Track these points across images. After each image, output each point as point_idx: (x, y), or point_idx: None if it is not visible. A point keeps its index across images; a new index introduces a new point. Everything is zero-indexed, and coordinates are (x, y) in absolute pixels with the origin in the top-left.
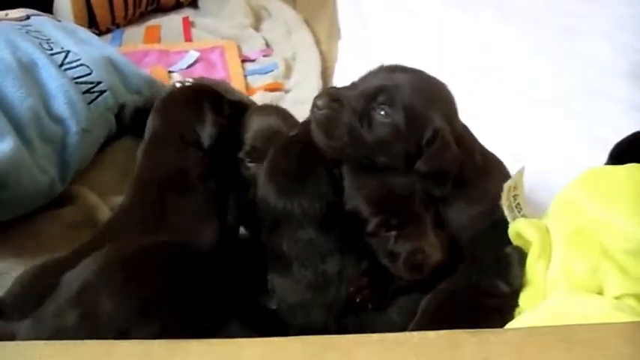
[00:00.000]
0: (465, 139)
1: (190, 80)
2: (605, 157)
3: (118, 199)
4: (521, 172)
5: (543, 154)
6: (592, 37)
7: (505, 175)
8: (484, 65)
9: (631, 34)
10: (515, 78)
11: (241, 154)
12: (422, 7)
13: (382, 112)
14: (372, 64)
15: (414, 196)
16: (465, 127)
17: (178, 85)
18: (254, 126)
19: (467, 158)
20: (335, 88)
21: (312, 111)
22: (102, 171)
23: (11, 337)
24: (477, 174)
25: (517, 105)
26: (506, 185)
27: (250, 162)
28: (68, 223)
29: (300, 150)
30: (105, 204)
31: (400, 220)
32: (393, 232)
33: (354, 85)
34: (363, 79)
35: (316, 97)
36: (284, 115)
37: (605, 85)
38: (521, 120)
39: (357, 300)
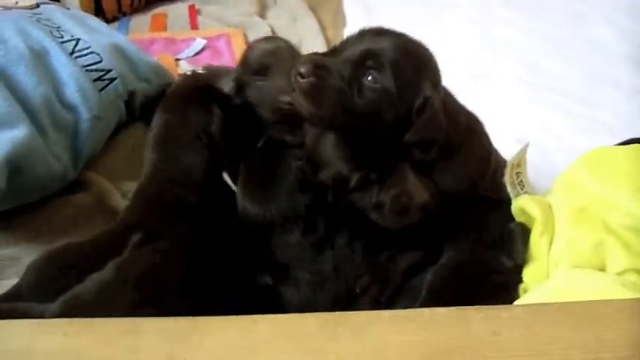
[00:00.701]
0: (448, 103)
1: (199, 69)
2: (608, 141)
3: (130, 185)
4: (524, 150)
5: (546, 139)
6: (597, 22)
7: (485, 134)
8: (488, 49)
9: (636, 21)
10: (520, 62)
11: (248, 78)
12: None
13: (370, 78)
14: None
15: (387, 146)
16: (446, 90)
17: (189, 73)
18: (258, 49)
19: (452, 124)
20: (317, 53)
21: (294, 80)
22: (113, 157)
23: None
24: (461, 138)
25: (521, 89)
26: (509, 162)
27: (259, 80)
28: (81, 209)
29: (265, 155)
30: (117, 189)
31: (380, 173)
32: (375, 186)
33: (336, 50)
34: (344, 44)
35: (298, 64)
36: (286, 41)
37: (609, 71)
38: (525, 104)
39: (357, 290)
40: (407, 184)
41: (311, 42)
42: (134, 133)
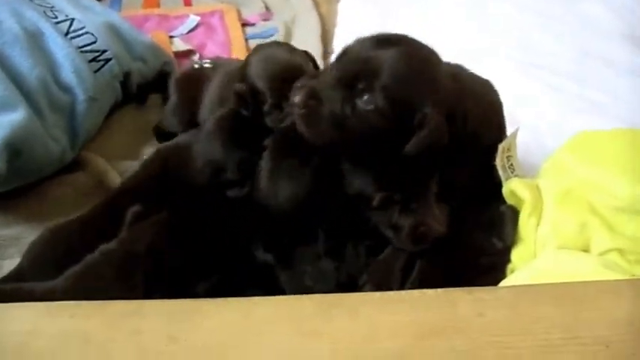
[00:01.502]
0: (457, 90)
1: (208, 62)
2: (600, 120)
3: (126, 164)
4: (514, 134)
5: (538, 117)
6: None
7: (499, 107)
8: (480, 25)
9: None
10: (511, 38)
11: (267, 108)
12: None
13: (365, 98)
14: (372, 29)
15: (417, 171)
16: (459, 69)
17: (196, 67)
18: (266, 72)
19: (461, 127)
20: (310, 80)
21: (292, 109)
22: (109, 137)
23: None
24: (474, 127)
25: (513, 66)
26: (500, 146)
27: (281, 113)
28: (79, 188)
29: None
30: (114, 168)
31: (404, 195)
32: (397, 207)
33: (332, 68)
34: (340, 59)
35: (293, 96)
36: (277, 45)
37: (602, 48)
38: (515, 82)
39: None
40: (428, 214)
41: (305, 18)
42: (130, 112)
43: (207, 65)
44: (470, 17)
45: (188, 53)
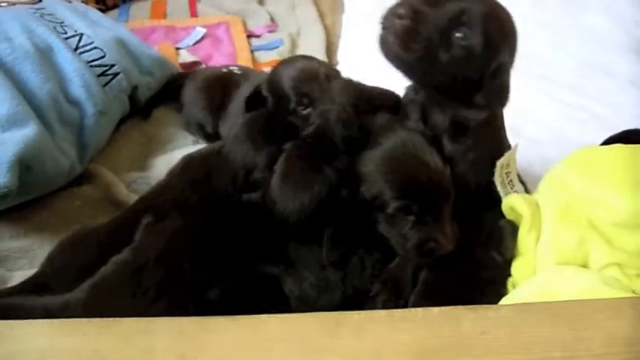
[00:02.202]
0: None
1: (236, 68)
2: (600, 132)
3: (133, 176)
4: (513, 150)
5: (540, 128)
6: (594, 9)
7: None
8: None
9: (632, 7)
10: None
11: (292, 106)
12: None
13: (461, 35)
14: (376, 39)
15: (438, 187)
16: None
17: (225, 70)
18: (287, 75)
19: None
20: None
21: (388, 19)
22: (116, 150)
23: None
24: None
25: (515, 77)
26: (499, 163)
27: (304, 109)
28: (87, 200)
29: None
30: (121, 181)
31: (421, 207)
32: (411, 217)
33: (433, 1)
34: None
35: (397, 5)
36: (304, 57)
37: (604, 60)
38: (519, 92)
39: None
40: (440, 231)
41: (310, 30)
42: (137, 125)
43: (236, 71)
44: None
45: (194, 65)
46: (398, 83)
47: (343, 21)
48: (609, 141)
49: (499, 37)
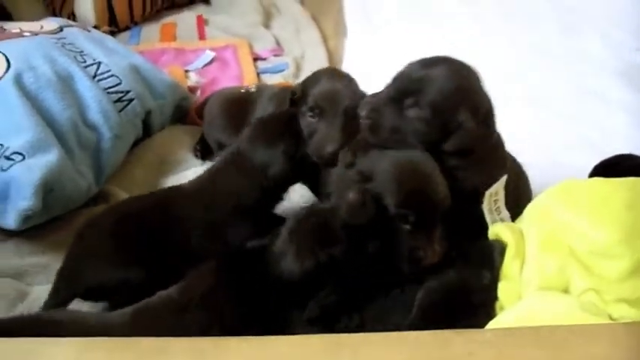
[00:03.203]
0: (490, 121)
1: (253, 87)
2: (592, 157)
3: None
4: (502, 182)
5: (531, 152)
6: (589, 34)
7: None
8: (477, 60)
9: (627, 33)
10: (508, 74)
11: (304, 108)
12: (424, 3)
13: (413, 110)
14: (378, 62)
15: (437, 205)
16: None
17: (243, 91)
18: (321, 86)
19: (489, 137)
20: (371, 96)
21: (361, 119)
22: (130, 171)
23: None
24: (488, 149)
25: (509, 101)
26: (487, 192)
27: (311, 117)
28: None
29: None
30: None
31: (418, 219)
32: (407, 226)
33: (388, 87)
34: (394, 80)
35: (360, 109)
36: (349, 80)
37: (597, 85)
38: (511, 117)
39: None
40: (430, 245)
41: (313, 53)
42: (149, 147)
43: (252, 90)
44: (469, 50)
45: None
46: None
47: (346, 45)
48: (601, 166)
49: (450, 104)
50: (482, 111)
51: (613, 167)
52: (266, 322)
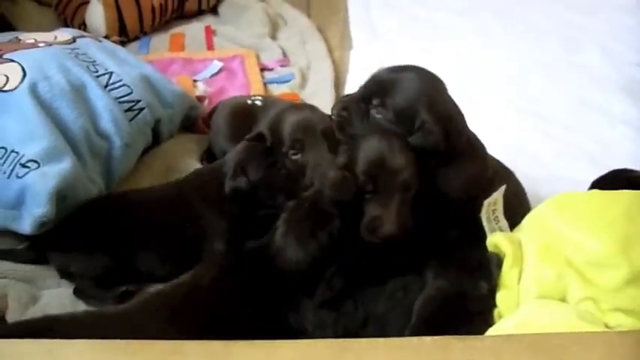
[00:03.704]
0: (453, 124)
1: (259, 99)
2: (592, 170)
3: None
4: (500, 191)
5: (533, 164)
6: (589, 48)
7: (483, 150)
8: (479, 73)
9: (628, 47)
10: (510, 86)
11: (284, 149)
12: (427, 16)
13: (376, 110)
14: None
15: (395, 174)
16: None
17: (249, 102)
18: (289, 121)
19: (455, 138)
20: (344, 97)
21: (332, 117)
22: (139, 179)
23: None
24: (461, 150)
25: (509, 113)
26: (486, 202)
27: (295, 154)
28: None
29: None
30: None
31: (375, 187)
32: (368, 195)
33: (360, 88)
34: (367, 81)
35: (332, 108)
36: (310, 107)
37: (597, 99)
38: (512, 129)
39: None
40: (386, 211)
41: (319, 64)
42: (158, 155)
43: (258, 102)
44: (472, 63)
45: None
46: None
47: (351, 56)
48: (600, 180)
49: (411, 104)
50: (444, 115)
51: (611, 181)
52: (274, 319)
